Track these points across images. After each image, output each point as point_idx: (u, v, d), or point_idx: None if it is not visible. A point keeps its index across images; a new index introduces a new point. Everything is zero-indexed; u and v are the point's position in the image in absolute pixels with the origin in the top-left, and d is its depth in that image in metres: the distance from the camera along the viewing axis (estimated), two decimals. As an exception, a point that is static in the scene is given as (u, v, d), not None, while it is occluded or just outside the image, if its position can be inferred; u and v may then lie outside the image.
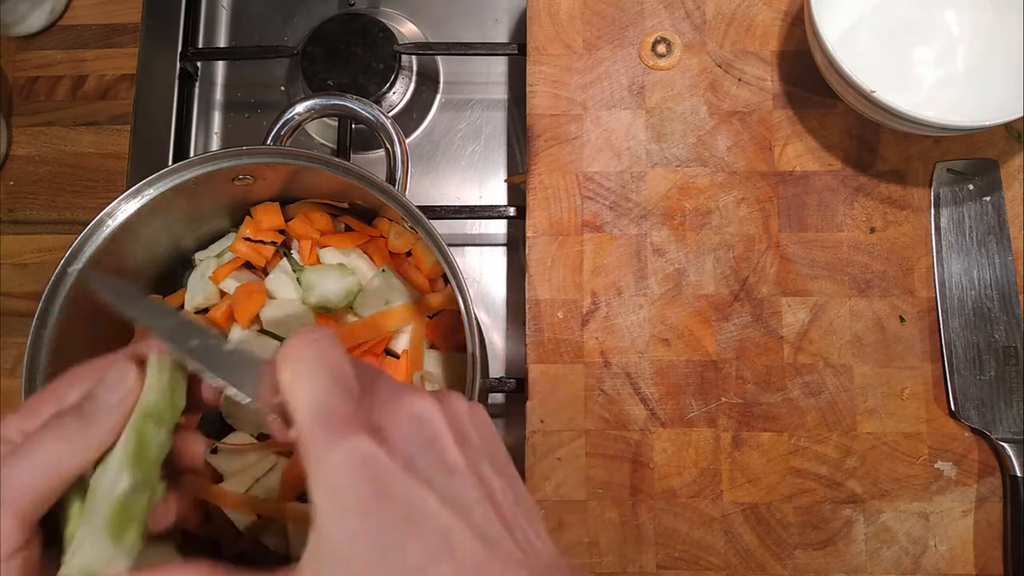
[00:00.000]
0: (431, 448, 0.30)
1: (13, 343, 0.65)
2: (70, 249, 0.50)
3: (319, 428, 0.29)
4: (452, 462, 0.30)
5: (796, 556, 0.55)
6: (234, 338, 0.53)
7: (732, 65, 0.61)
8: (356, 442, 0.28)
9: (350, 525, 0.27)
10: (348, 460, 0.28)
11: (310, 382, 0.30)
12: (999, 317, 0.57)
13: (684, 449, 0.56)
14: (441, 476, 0.29)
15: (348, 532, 0.27)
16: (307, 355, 0.30)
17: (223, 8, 0.76)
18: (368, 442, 0.28)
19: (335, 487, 0.28)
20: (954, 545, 0.55)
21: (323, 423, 0.29)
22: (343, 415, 0.29)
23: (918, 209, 0.59)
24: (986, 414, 0.56)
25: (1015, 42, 0.56)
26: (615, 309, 0.58)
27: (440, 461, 0.29)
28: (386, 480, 0.28)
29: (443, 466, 0.29)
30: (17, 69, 0.71)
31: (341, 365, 0.31)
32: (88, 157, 0.69)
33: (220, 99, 0.75)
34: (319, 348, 0.31)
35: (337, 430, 0.28)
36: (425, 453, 0.29)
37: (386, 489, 0.28)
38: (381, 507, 0.27)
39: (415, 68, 0.72)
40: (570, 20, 0.63)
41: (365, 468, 0.28)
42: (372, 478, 0.28)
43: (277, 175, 0.54)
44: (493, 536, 0.29)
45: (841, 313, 0.58)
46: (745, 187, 0.59)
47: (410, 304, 0.55)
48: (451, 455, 0.30)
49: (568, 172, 0.60)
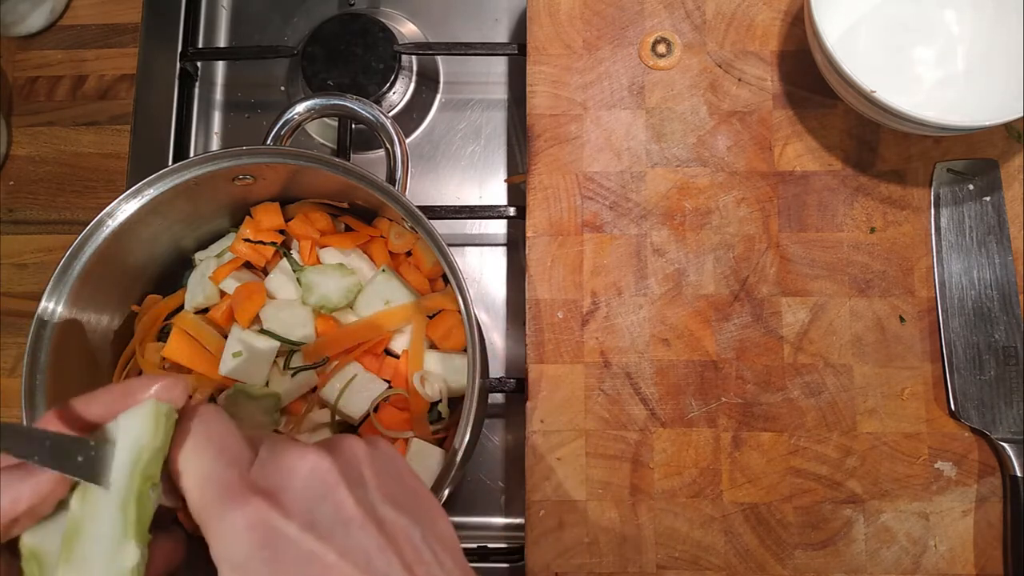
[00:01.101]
0: (326, 502, 0.30)
1: (13, 343, 0.65)
2: (70, 249, 0.50)
3: (209, 499, 0.29)
4: (348, 514, 0.30)
5: (796, 556, 0.55)
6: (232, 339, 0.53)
7: (732, 65, 0.61)
8: (248, 508, 0.29)
9: None
10: (242, 527, 0.28)
11: (195, 457, 0.30)
12: (999, 317, 0.57)
13: (684, 449, 0.56)
14: (339, 528, 0.30)
15: None
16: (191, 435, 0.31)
17: (223, 8, 0.76)
18: (261, 504, 0.29)
19: (234, 557, 0.28)
20: (954, 545, 0.55)
21: (212, 494, 0.29)
22: (229, 483, 0.29)
23: (918, 209, 0.59)
24: (986, 414, 0.56)
25: (1015, 42, 0.56)
26: (615, 309, 0.58)
27: (336, 514, 0.30)
28: (282, 543, 0.28)
29: (339, 519, 0.30)
30: (17, 69, 0.71)
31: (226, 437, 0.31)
32: (88, 157, 0.69)
33: (220, 99, 0.75)
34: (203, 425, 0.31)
35: (226, 498, 0.29)
36: (321, 508, 0.30)
37: (284, 553, 0.28)
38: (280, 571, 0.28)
39: (415, 68, 0.72)
40: (570, 20, 0.63)
41: (260, 533, 0.28)
42: (268, 543, 0.28)
43: (277, 175, 0.54)
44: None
45: (841, 313, 0.58)
46: (745, 187, 0.59)
47: (410, 304, 0.55)
48: (346, 507, 0.30)
49: (568, 172, 0.60)
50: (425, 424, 0.53)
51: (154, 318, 0.56)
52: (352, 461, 0.32)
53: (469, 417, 0.47)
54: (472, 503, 0.65)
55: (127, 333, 0.57)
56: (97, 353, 0.55)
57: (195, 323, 0.55)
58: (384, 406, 0.54)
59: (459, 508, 0.65)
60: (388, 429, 0.53)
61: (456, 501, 0.65)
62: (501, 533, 0.64)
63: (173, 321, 0.55)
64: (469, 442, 0.47)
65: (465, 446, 0.47)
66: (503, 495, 0.65)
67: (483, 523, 0.65)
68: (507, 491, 0.65)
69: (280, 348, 0.54)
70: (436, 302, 0.55)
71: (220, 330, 0.55)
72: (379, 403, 0.54)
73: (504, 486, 0.65)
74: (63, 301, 0.50)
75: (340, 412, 0.53)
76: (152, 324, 0.56)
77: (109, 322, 0.55)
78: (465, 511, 0.65)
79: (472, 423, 0.47)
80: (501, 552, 0.62)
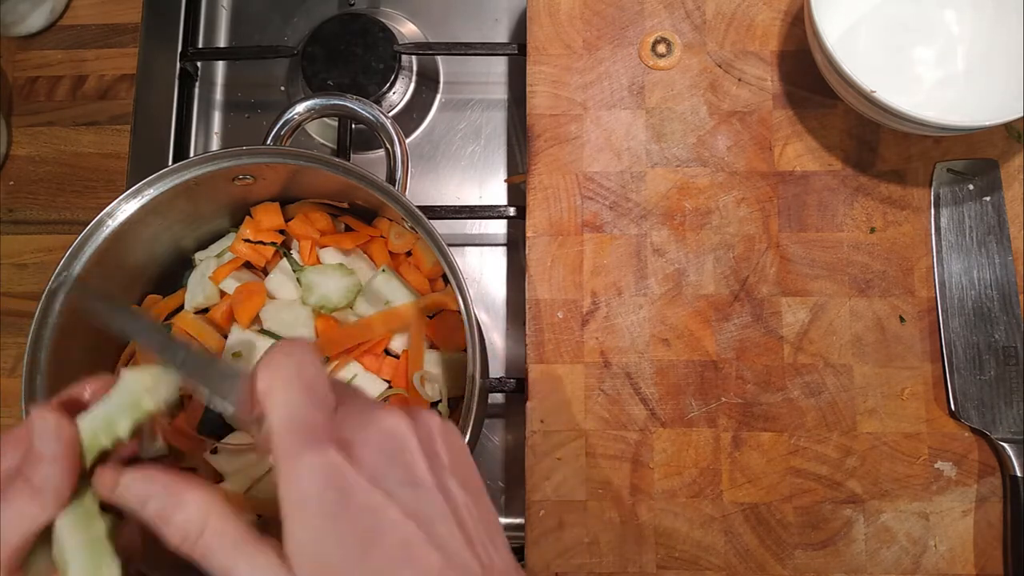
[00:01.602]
0: (398, 463, 0.31)
1: (13, 343, 0.65)
2: (70, 249, 0.50)
3: (289, 437, 0.30)
4: (418, 477, 0.31)
5: (796, 556, 0.55)
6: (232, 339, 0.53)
7: (732, 65, 0.61)
8: (323, 453, 0.29)
9: (313, 531, 0.28)
10: (314, 470, 0.29)
11: (284, 393, 0.31)
12: (999, 317, 0.57)
13: (684, 449, 0.56)
14: (406, 489, 0.30)
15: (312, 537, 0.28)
16: (283, 367, 0.31)
17: (223, 8, 0.76)
18: (335, 454, 0.29)
19: (300, 495, 0.29)
20: (954, 545, 0.55)
21: (293, 433, 0.30)
22: (313, 426, 0.30)
23: (918, 209, 0.59)
24: (986, 414, 0.56)
25: (1015, 42, 0.56)
26: (615, 309, 0.58)
27: (407, 475, 0.31)
28: (350, 491, 0.29)
29: (409, 480, 0.30)
30: (17, 69, 0.71)
31: (316, 378, 0.32)
32: (88, 157, 0.69)
33: (220, 99, 0.75)
34: (296, 361, 0.31)
35: (306, 441, 0.29)
36: (392, 467, 0.30)
37: (349, 499, 0.29)
38: (343, 516, 0.29)
39: (415, 68, 0.72)
40: (570, 20, 0.63)
41: (330, 478, 0.29)
42: (336, 488, 0.29)
43: (277, 175, 0.54)
44: (452, 548, 0.30)
45: (841, 313, 0.58)
46: (745, 187, 0.60)
47: (410, 304, 0.55)
48: (418, 470, 0.31)
49: (568, 172, 0.60)
50: (425, 424, 0.53)
51: (154, 318, 0.56)
52: (430, 432, 0.33)
53: (469, 417, 0.47)
54: (472, 503, 0.65)
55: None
56: (97, 353, 0.55)
57: (195, 323, 0.55)
58: (384, 406, 0.54)
59: (459, 508, 0.65)
60: (388, 429, 0.53)
61: (456, 501, 0.65)
62: (501, 533, 0.64)
63: (173, 321, 0.55)
64: (469, 442, 0.47)
65: (465, 446, 0.47)
66: (503, 495, 0.65)
67: (483, 523, 0.65)
68: (507, 491, 0.65)
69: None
70: (436, 302, 0.55)
71: (220, 330, 0.55)
72: (379, 403, 0.54)
73: (504, 486, 0.65)
74: (63, 301, 0.50)
75: (340, 412, 0.53)
76: (152, 324, 0.56)
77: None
78: (465, 511, 0.65)
79: (472, 423, 0.47)
80: (501, 552, 0.62)
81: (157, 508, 0.30)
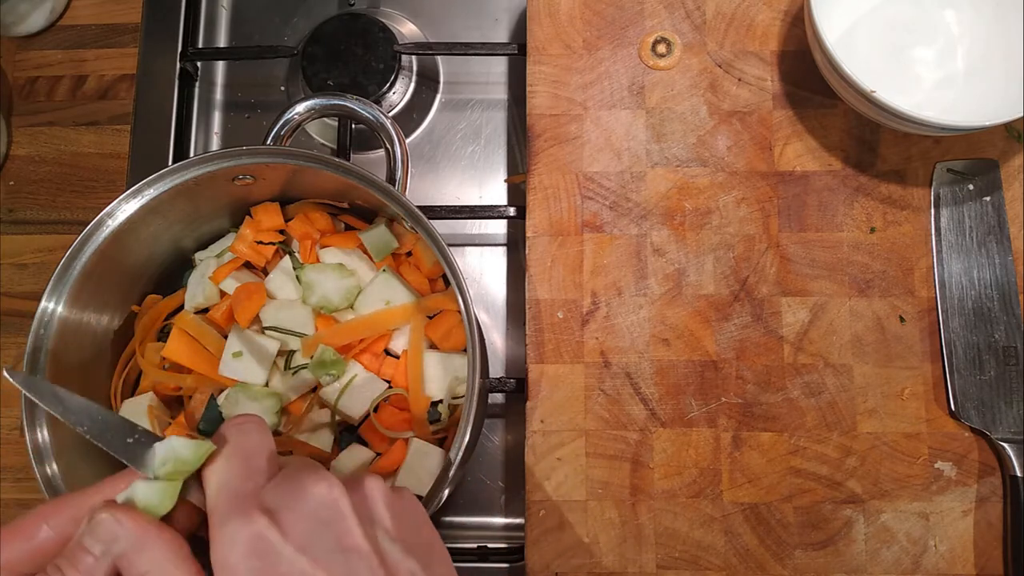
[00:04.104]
0: (331, 530, 0.32)
1: (13, 343, 0.65)
2: (70, 249, 0.50)
3: (220, 505, 0.31)
4: (350, 544, 0.31)
5: (796, 556, 0.55)
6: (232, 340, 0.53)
7: (732, 65, 0.61)
8: (249, 521, 0.30)
9: None
10: (239, 536, 0.30)
11: (222, 462, 0.33)
12: (999, 317, 0.57)
13: (684, 449, 0.56)
14: (337, 556, 0.31)
15: None
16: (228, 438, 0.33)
17: (223, 8, 0.76)
18: (263, 522, 0.30)
19: (225, 561, 0.30)
20: (954, 545, 0.55)
21: (224, 501, 0.31)
22: (243, 495, 0.31)
23: (918, 209, 0.59)
24: (986, 414, 0.56)
25: (1015, 42, 0.56)
26: (615, 309, 0.58)
27: (338, 542, 0.31)
28: (275, 558, 0.30)
29: (340, 547, 0.31)
30: (17, 69, 0.71)
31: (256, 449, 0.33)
32: (88, 157, 0.69)
33: (220, 99, 0.74)
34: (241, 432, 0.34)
35: (234, 509, 0.31)
36: (323, 534, 0.31)
37: (274, 567, 0.30)
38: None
39: (415, 68, 0.72)
40: (570, 20, 0.63)
41: (255, 546, 0.30)
42: (260, 556, 0.30)
43: (277, 175, 0.54)
44: None
45: (841, 313, 0.58)
46: (745, 187, 0.60)
47: (410, 304, 0.55)
48: (350, 537, 0.32)
49: (568, 172, 0.60)
50: (425, 424, 0.53)
51: (154, 318, 0.56)
52: (369, 497, 0.34)
53: (469, 417, 0.47)
54: (472, 503, 0.65)
55: (127, 333, 0.57)
56: (97, 353, 0.55)
57: (195, 323, 0.55)
58: (384, 406, 0.54)
59: (459, 508, 0.65)
60: (388, 429, 0.53)
61: (456, 501, 0.65)
62: (501, 533, 0.64)
63: (173, 321, 0.55)
64: (469, 442, 0.47)
65: (465, 446, 0.47)
66: (503, 495, 0.65)
67: (483, 523, 0.65)
68: (507, 491, 0.65)
69: (280, 348, 0.54)
70: (436, 302, 0.55)
71: (220, 330, 0.55)
72: (379, 403, 0.54)
73: (504, 486, 0.65)
74: (63, 301, 0.50)
75: (340, 412, 0.53)
76: (152, 324, 0.56)
77: (109, 322, 0.55)
78: (465, 511, 0.65)
79: (472, 423, 0.47)
80: (501, 552, 0.62)
81: (122, 549, 0.31)
